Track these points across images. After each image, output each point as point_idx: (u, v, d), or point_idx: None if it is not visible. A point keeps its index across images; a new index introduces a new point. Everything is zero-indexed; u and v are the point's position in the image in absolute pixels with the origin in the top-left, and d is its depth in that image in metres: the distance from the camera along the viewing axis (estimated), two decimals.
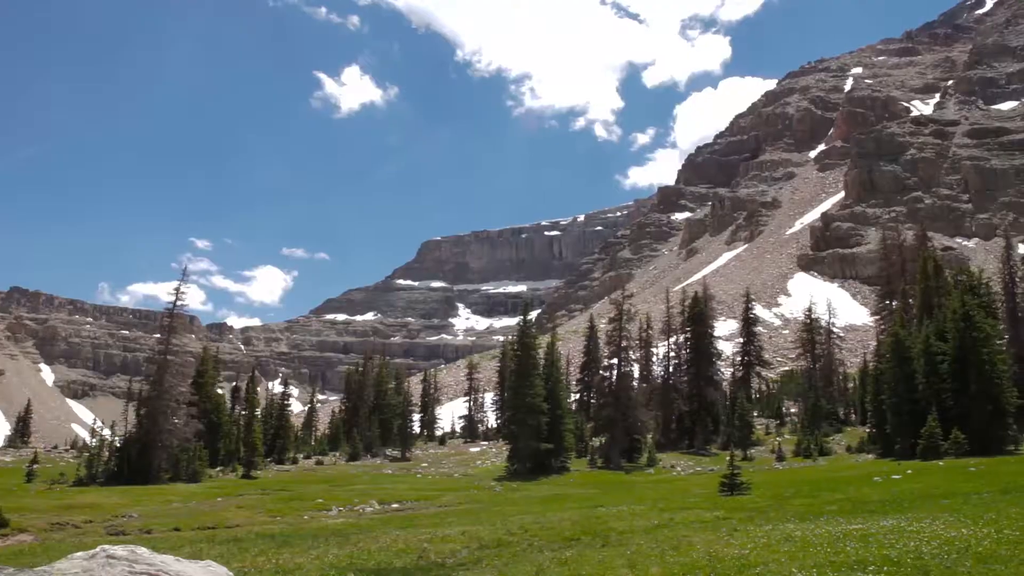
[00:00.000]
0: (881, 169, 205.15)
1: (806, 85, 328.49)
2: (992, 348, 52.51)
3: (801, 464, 57.73)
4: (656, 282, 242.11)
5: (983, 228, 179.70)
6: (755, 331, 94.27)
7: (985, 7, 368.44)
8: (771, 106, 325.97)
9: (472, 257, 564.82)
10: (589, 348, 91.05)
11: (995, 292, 71.93)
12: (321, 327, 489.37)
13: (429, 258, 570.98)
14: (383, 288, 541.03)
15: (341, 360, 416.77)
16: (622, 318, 70.76)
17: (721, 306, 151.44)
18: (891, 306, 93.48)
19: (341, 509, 41.39)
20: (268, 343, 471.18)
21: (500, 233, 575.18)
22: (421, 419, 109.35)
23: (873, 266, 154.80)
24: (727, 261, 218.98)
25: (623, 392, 68.04)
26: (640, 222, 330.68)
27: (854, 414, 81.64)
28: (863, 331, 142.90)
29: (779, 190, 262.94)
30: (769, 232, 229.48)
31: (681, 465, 63.27)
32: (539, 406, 59.44)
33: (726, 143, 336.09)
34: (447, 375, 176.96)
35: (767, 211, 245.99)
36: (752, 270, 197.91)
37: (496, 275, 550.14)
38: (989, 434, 50.18)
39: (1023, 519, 20.97)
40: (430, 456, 79.58)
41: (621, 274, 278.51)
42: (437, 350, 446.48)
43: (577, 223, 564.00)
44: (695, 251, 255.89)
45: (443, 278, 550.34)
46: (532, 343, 62.90)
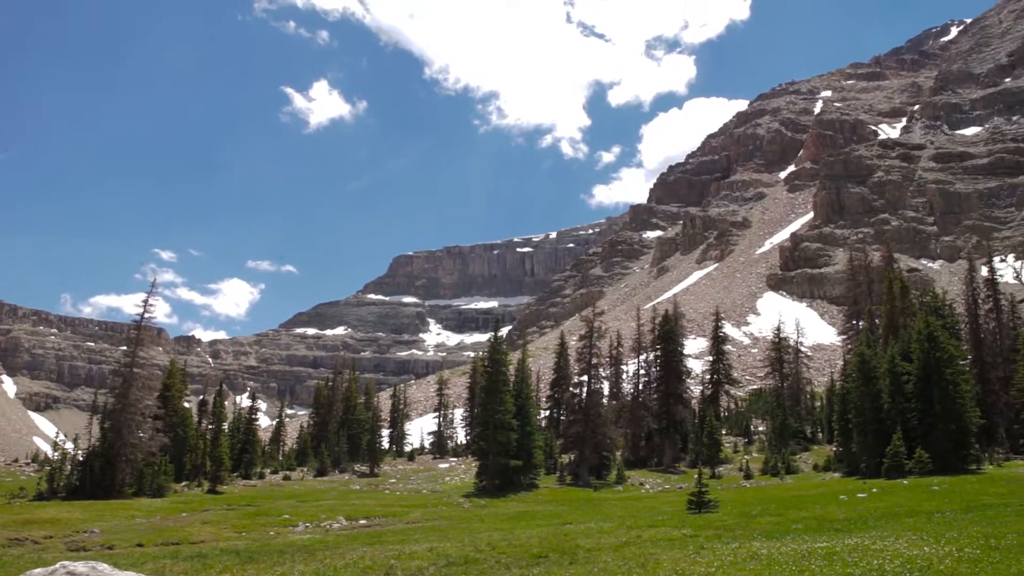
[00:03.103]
0: (849, 191, 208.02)
1: (777, 107, 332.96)
2: (955, 369, 53.24)
3: (768, 482, 58.05)
4: (627, 299, 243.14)
5: (947, 250, 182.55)
6: (724, 349, 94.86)
7: (950, 35, 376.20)
8: (742, 127, 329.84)
9: (444, 272, 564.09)
10: (559, 365, 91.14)
11: (959, 313, 73.14)
12: (291, 341, 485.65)
13: (401, 273, 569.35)
14: (354, 302, 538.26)
15: (310, 374, 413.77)
16: (592, 335, 70.92)
17: (691, 324, 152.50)
18: (858, 326, 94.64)
19: (308, 525, 40.99)
20: (237, 356, 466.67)
21: (472, 249, 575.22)
22: (390, 434, 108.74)
23: (841, 286, 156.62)
24: (697, 279, 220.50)
25: (593, 409, 68.12)
26: (612, 240, 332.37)
27: (821, 433, 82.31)
28: (831, 350, 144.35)
29: (749, 210, 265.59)
30: (739, 251, 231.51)
31: (650, 482, 63.40)
32: (509, 422, 59.36)
33: (697, 162, 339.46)
34: (417, 391, 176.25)
35: (737, 230, 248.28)
36: (722, 289, 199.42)
37: (468, 291, 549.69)
38: (952, 453, 50.80)
39: (984, 537, 21.26)
40: (399, 472, 79.12)
41: (592, 291, 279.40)
42: (407, 365, 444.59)
43: (549, 240, 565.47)
44: (666, 269, 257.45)
45: (415, 293, 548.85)
46: (502, 359, 62.83)
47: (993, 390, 64.45)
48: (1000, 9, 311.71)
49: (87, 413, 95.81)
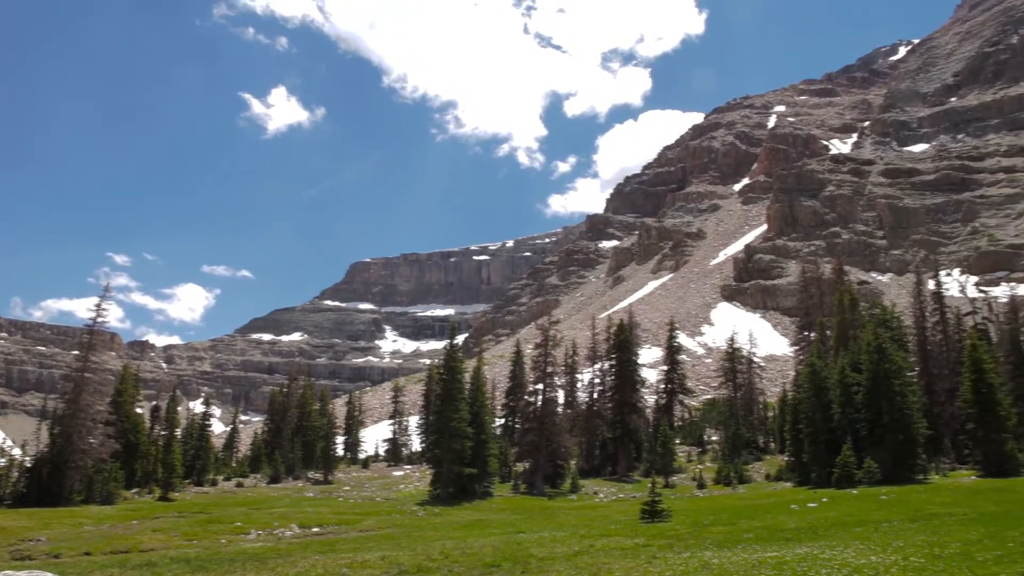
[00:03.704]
0: (801, 204, 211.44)
1: (732, 120, 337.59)
2: (903, 380, 54.31)
3: (721, 492, 58.63)
4: (583, 309, 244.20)
5: (896, 264, 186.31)
6: (679, 359, 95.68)
7: (899, 54, 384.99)
8: (698, 139, 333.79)
9: (401, 279, 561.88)
10: (515, 373, 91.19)
11: (907, 326, 74.61)
12: (246, 347, 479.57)
13: (358, 279, 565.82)
14: (310, 308, 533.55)
15: (266, 380, 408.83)
16: (548, 344, 71.10)
17: (646, 334, 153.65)
18: (809, 337, 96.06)
19: (260, 533, 40.48)
20: (191, 362, 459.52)
21: (429, 256, 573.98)
22: (345, 441, 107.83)
23: (793, 298, 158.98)
24: (653, 290, 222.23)
25: (547, 418, 68.26)
26: (568, 249, 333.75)
27: (773, 443, 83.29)
28: (783, 361, 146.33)
29: (704, 221, 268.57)
30: (694, 262, 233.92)
31: (604, 491, 63.64)
32: (463, 430, 59.27)
33: (654, 174, 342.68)
34: (372, 397, 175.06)
35: (692, 241, 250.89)
36: (677, 299, 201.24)
37: (424, 298, 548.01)
38: (900, 463, 51.78)
39: (928, 546, 21.71)
40: (353, 479, 78.49)
41: (548, 300, 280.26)
42: (363, 372, 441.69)
43: (506, 248, 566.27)
44: (621, 279, 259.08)
45: (371, 300, 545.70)
46: (458, 367, 62.73)
47: (939, 401, 65.79)
48: (946, 31, 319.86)
49: (36, 418, 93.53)
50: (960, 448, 62.68)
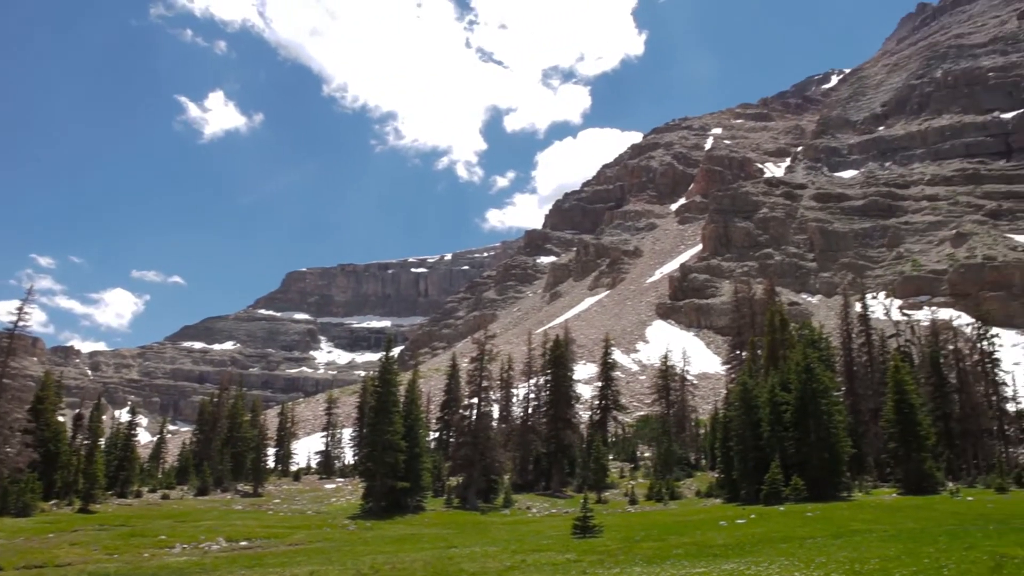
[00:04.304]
0: (736, 225, 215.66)
1: (670, 141, 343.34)
2: (830, 399, 55.64)
3: (652, 507, 59.17)
4: (519, 324, 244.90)
5: (825, 286, 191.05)
6: (613, 376, 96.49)
7: (831, 83, 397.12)
8: (636, 158, 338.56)
9: (337, 290, 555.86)
10: (450, 387, 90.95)
11: (834, 347, 76.52)
12: (176, 354, 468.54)
13: (293, 289, 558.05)
14: (244, 317, 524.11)
15: (196, 390, 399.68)
16: (484, 358, 71.11)
17: (582, 350, 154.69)
18: (741, 356, 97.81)
19: (185, 547, 39.58)
20: (118, 369, 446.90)
21: (367, 267, 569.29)
22: (276, 453, 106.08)
23: (726, 317, 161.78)
24: (589, 306, 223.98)
25: (482, 432, 68.17)
26: (506, 264, 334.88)
27: (704, 459, 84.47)
28: (715, 379, 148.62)
29: (641, 240, 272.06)
30: (630, 280, 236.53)
31: (537, 506, 63.75)
32: (397, 444, 58.84)
33: (592, 191, 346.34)
34: (306, 409, 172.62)
35: (629, 259, 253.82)
36: (613, 316, 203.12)
37: (360, 309, 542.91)
38: (826, 481, 52.95)
39: (849, 562, 22.25)
40: (284, 492, 77.25)
41: (485, 314, 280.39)
42: (297, 383, 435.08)
43: (444, 261, 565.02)
44: (559, 295, 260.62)
45: (307, 310, 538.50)
46: (393, 379, 62.32)
47: (864, 421, 67.61)
48: (876, 62, 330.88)
49: None
50: (882, 466, 64.47)
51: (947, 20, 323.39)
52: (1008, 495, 49.30)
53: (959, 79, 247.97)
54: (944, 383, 69.90)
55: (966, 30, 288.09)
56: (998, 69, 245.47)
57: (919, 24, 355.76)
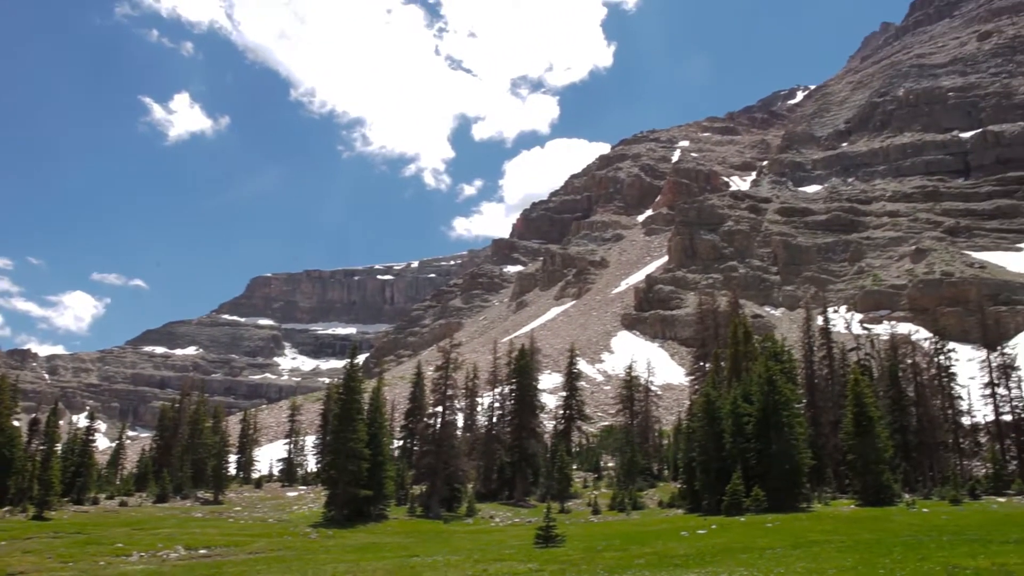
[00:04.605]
0: (701, 237, 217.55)
1: (638, 152, 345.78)
2: (791, 411, 56.35)
3: (615, 517, 59.45)
4: (485, 332, 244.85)
5: (788, 299, 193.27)
6: (578, 386, 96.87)
7: (796, 99, 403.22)
8: (604, 169, 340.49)
9: (302, 296, 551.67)
10: (415, 395, 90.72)
11: (796, 359, 77.33)
12: (137, 359, 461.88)
13: (258, 294, 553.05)
14: (207, 322, 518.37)
15: (157, 395, 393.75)
16: (449, 366, 71.07)
17: (547, 360, 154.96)
18: (704, 368, 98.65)
19: (143, 555, 39.10)
20: (77, 373, 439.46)
21: (333, 274, 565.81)
22: (238, 460, 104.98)
23: (690, 328, 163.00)
24: (555, 316, 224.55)
25: (446, 441, 68.08)
26: (473, 272, 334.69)
27: (667, 470, 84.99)
28: (679, 390, 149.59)
29: (608, 250, 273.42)
30: (596, 290, 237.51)
31: (500, 516, 63.77)
32: (361, 452, 58.56)
33: (560, 201, 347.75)
34: (269, 416, 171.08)
35: (595, 270, 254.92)
36: (578, 326, 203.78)
37: (326, 316, 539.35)
38: (786, 492, 53.57)
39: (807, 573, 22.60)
40: (245, 499, 76.50)
41: (451, 322, 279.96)
42: (260, 389, 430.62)
43: (411, 269, 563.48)
44: (525, 304, 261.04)
45: (271, 316, 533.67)
46: (357, 387, 62.07)
47: (824, 433, 68.53)
48: (840, 79, 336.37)
49: None
50: (842, 478, 65.37)
51: (909, 40, 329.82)
52: (962, 507, 50.22)
53: (920, 98, 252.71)
54: (902, 396, 71.08)
55: (927, 50, 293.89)
56: (957, 89, 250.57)
57: (882, 43, 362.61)
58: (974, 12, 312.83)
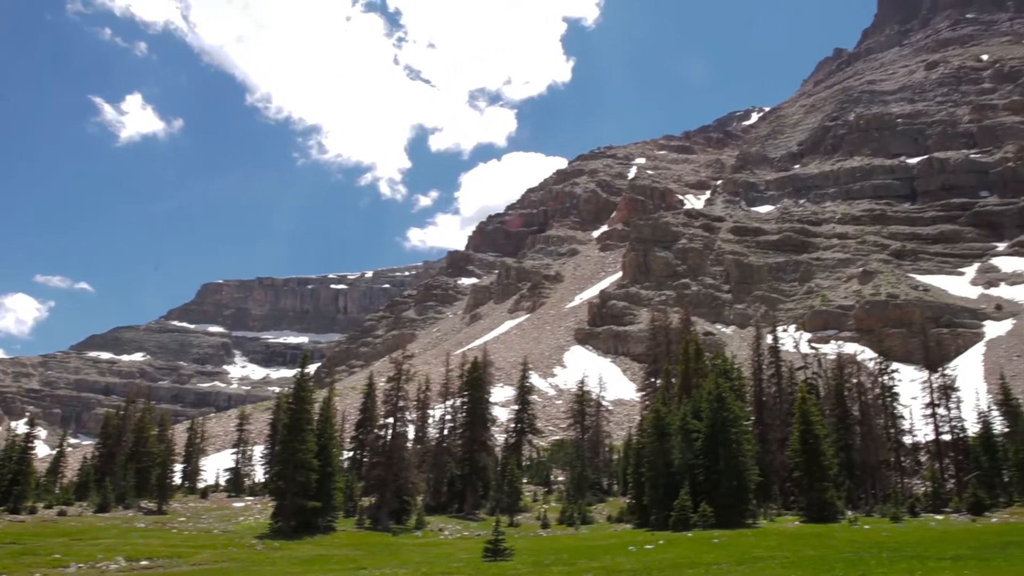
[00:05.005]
0: (655, 254, 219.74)
1: (594, 168, 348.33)
2: (740, 428, 57.12)
3: (564, 532, 59.60)
4: (438, 344, 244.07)
5: (739, 317, 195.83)
6: (530, 399, 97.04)
7: (751, 120, 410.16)
8: (561, 184, 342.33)
9: (254, 304, 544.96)
10: (366, 406, 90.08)
11: (745, 377, 78.42)
12: (81, 364, 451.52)
13: (209, 301, 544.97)
14: (156, 328, 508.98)
15: (101, 402, 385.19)
16: (401, 378, 70.83)
17: (500, 373, 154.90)
18: (655, 384, 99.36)
19: (81, 566, 38.25)
20: (17, 378, 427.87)
21: (286, 282, 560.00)
22: (184, 470, 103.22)
23: (643, 344, 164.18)
24: (509, 329, 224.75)
25: (396, 452, 67.76)
26: (428, 284, 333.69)
27: (617, 485, 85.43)
28: (630, 405, 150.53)
29: (562, 265, 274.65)
30: (550, 304, 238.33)
31: (449, 529, 63.58)
32: (309, 462, 58.00)
33: (516, 214, 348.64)
34: (216, 424, 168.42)
35: (550, 284, 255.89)
36: (532, 340, 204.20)
37: (278, 324, 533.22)
38: (733, 508, 54.22)
39: None
40: (190, 510, 75.25)
41: (404, 334, 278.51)
42: (208, 398, 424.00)
43: (365, 279, 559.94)
44: (478, 317, 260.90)
45: (222, 323, 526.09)
46: (308, 397, 61.52)
47: (771, 450, 69.47)
48: (794, 102, 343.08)
49: None
50: (787, 495, 66.33)
51: (861, 66, 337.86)
52: (902, 524, 51.27)
53: (870, 123, 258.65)
54: (847, 415, 72.33)
55: (878, 77, 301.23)
56: (906, 116, 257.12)
57: (835, 68, 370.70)
58: (922, 42, 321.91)
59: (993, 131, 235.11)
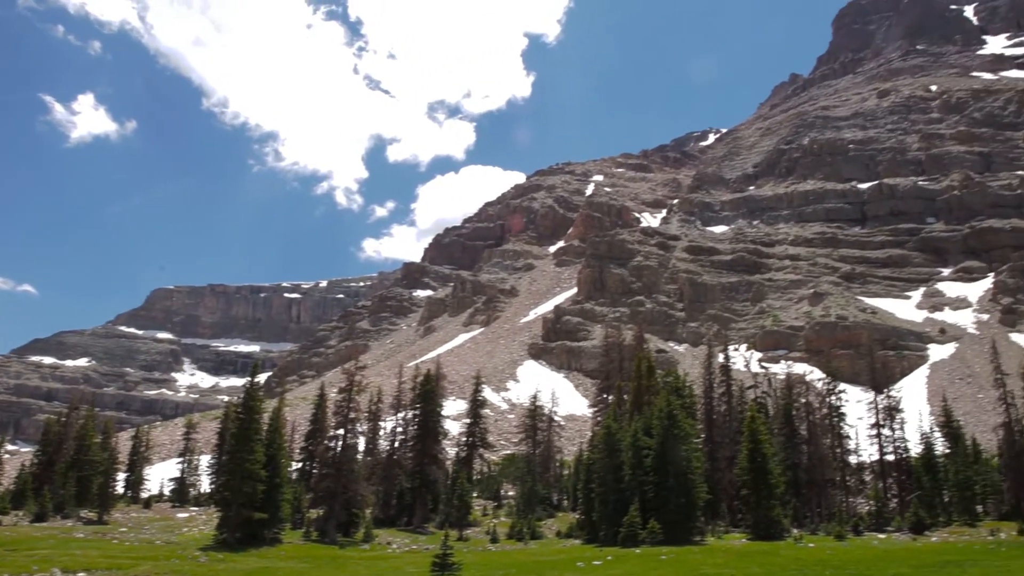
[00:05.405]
0: (611, 271, 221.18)
1: (552, 184, 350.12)
2: (690, 446, 57.59)
3: (513, 546, 59.44)
4: (392, 356, 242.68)
5: (692, 335, 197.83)
6: (482, 413, 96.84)
7: (708, 141, 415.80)
8: (519, 198, 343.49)
9: (205, 311, 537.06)
10: (317, 417, 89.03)
11: (696, 395, 79.17)
12: (22, 369, 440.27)
13: (158, 307, 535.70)
14: (102, 333, 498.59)
15: (42, 408, 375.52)
16: (353, 389, 70.18)
17: (452, 386, 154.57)
18: (608, 400, 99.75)
19: None
20: None
21: (238, 289, 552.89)
22: (127, 479, 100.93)
23: (596, 360, 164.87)
24: (463, 342, 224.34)
25: (346, 464, 67.05)
26: (382, 295, 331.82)
27: (567, 500, 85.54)
28: (582, 421, 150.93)
29: (518, 279, 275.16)
30: (505, 318, 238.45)
31: (398, 542, 63.06)
32: (257, 473, 57.11)
33: (473, 228, 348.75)
34: (163, 433, 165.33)
35: (505, 298, 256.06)
36: (486, 353, 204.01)
37: (229, 332, 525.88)
38: (681, 525, 54.58)
39: None
40: (132, 520, 73.61)
41: (358, 344, 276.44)
42: (155, 406, 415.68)
43: (319, 288, 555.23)
44: (433, 329, 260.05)
45: (171, 329, 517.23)
46: (257, 406, 60.62)
47: (720, 468, 70.12)
48: (750, 125, 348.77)
49: None
50: (735, 512, 67.00)
51: (815, 92, 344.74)
52: (846, 543, 52.03)
53: (823, 148, 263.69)
54: (795, 434, 73.39)
55: (832, 103, 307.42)
56: (858, 142, 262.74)
57: (791, 93, 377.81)
58: (875, 71, 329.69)
59: (940, 160, 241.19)
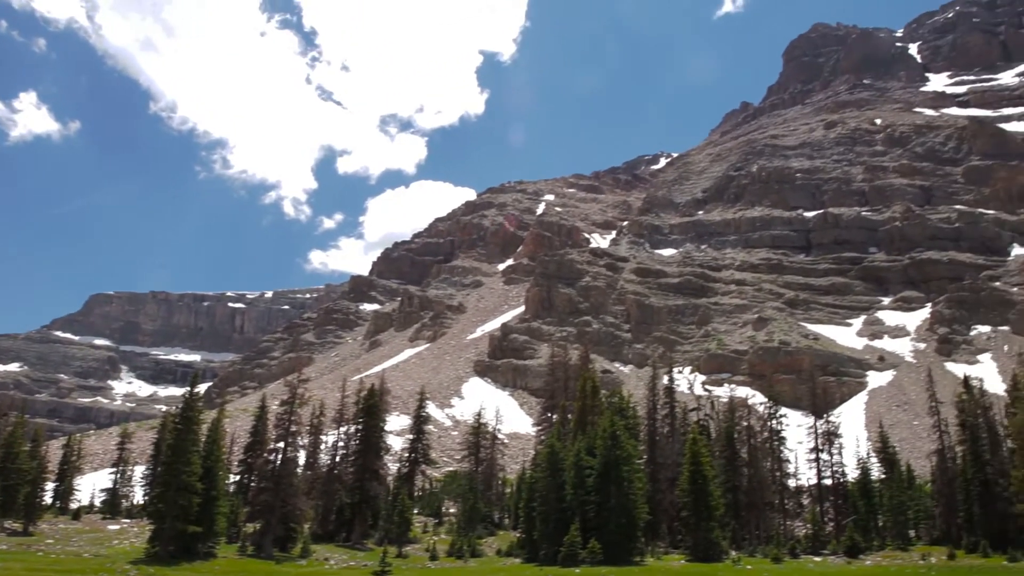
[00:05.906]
0: (559, 290, 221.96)
1: (504, 202, 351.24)
2: (632, 467, 57.81)
3: (453, 564, 58.95)
4: (336, 369, 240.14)
5: (637, 356, 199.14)
6: (426, 430, 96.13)
7: (659, 164, 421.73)
8: (469, 215, 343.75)
9: (146, 318, 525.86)
10: (257, 429, 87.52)
11: (640, 416, 79.64)
12: None
13: (97, 312, 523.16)
14: (36, 338, 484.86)
15: None
16: (295, 401, 69.16)
17: (396, 401, 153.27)
18: (552, 419, 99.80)
19: None
20: None
21: (181, 297, 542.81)
22: (56, 489, 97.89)
23: (541, 379, 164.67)
24: (408, 357, 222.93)
25: (285, 478, 65.94)
26: (328, 307, 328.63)
27: (508, 518, 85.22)
28: (526, 439, 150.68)
29: (466, 296, 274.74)
30: (452, 335, 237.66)
31: (335, 558, 62.11)
32: (193, 485, 55.83)
33: (423, 243, 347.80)
34: (96, 442, 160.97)
35: (452, 314, 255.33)
36: (431, 369, 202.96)
37: (169, 340, 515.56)
38: (622, 545, 54.67)
39: None
40: (60, 531, 71.34)
41: (302, 357, 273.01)
42: (89, 414, 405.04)
43: (264, 299, 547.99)
44: (378, 343, 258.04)
45: (109, 336, 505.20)
46: (196, 417, 59.37)
47: (661, 489, 70.49)
48: (701, 150, 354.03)
49: None
50: (675, 533, 67.38)
51: (765, 121, 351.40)
52: (782, 565, 52.57)
53: (771, 176, 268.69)
54: (736, 457, 74.12)
55: (780, 132, 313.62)
56: (804, 171, 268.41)
57: (741, 121, 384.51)
58: (822, 103, 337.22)
59: (883, 191, 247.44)
